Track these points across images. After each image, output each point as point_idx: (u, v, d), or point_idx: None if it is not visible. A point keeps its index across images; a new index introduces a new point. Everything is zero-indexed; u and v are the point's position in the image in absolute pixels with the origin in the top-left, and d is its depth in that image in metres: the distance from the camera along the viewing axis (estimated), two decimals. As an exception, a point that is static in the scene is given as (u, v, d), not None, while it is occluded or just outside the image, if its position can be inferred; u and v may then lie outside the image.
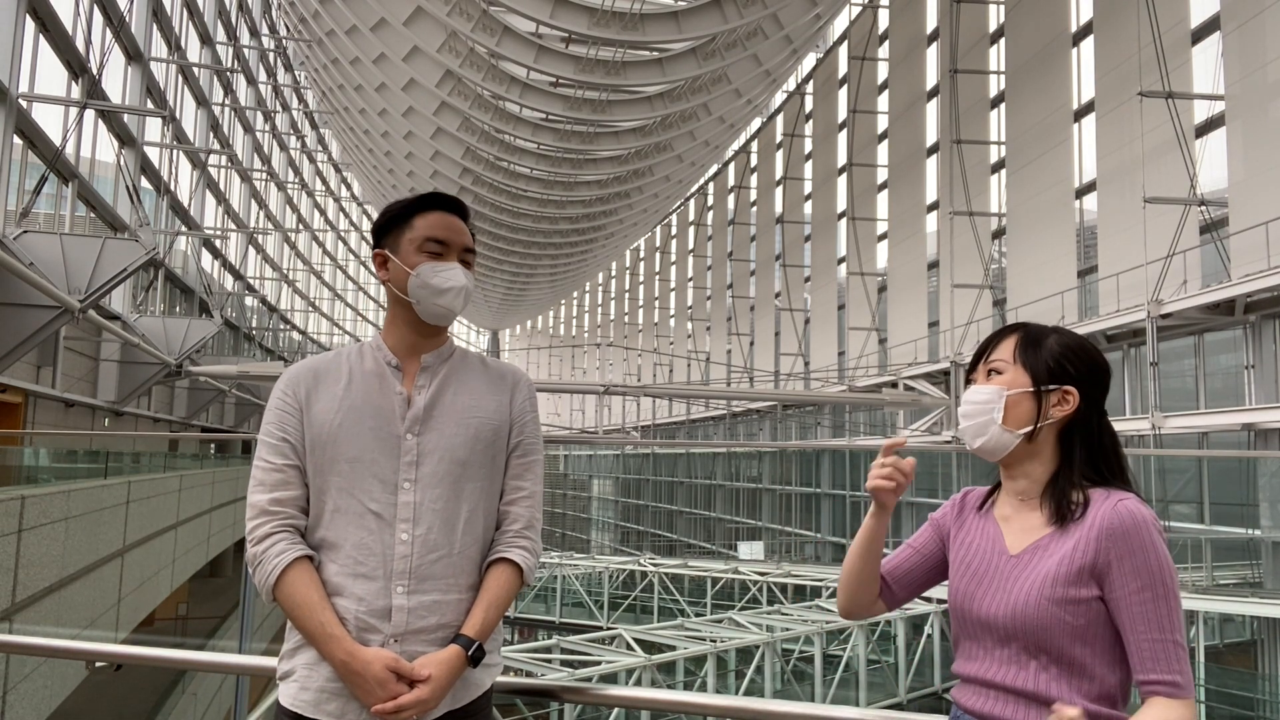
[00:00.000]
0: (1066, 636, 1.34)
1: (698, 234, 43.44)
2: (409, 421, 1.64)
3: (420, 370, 1.70)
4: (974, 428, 1.47)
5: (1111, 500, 1.37)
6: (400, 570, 1.57)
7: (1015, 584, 1.39)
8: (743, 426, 35.60)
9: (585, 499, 53.23)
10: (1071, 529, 1.39)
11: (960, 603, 1.46)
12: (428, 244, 1.69)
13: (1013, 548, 1.44)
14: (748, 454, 33.94)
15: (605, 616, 23.07)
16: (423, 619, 1.57)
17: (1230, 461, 14.48)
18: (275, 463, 1.62)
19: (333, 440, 1.61)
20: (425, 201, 1.73)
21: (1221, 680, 14.16)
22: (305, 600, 1.54)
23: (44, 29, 14.70)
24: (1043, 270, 18.34)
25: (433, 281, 1.66)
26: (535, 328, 78.12)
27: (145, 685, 14.87)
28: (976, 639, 1.44)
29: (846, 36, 29.69)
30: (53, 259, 12.17)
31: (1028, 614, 1.35)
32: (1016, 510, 1.49)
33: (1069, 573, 1.34)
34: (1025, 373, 1.46)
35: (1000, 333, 1.54)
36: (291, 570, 1.55)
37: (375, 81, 23.70)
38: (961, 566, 1.49)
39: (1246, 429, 13.37)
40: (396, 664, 1.50)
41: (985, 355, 1.52)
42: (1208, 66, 14.68)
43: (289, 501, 1.61)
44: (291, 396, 1.66)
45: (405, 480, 1.61)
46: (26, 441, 14.40)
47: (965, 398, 1.50)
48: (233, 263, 30.75)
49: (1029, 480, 1.48)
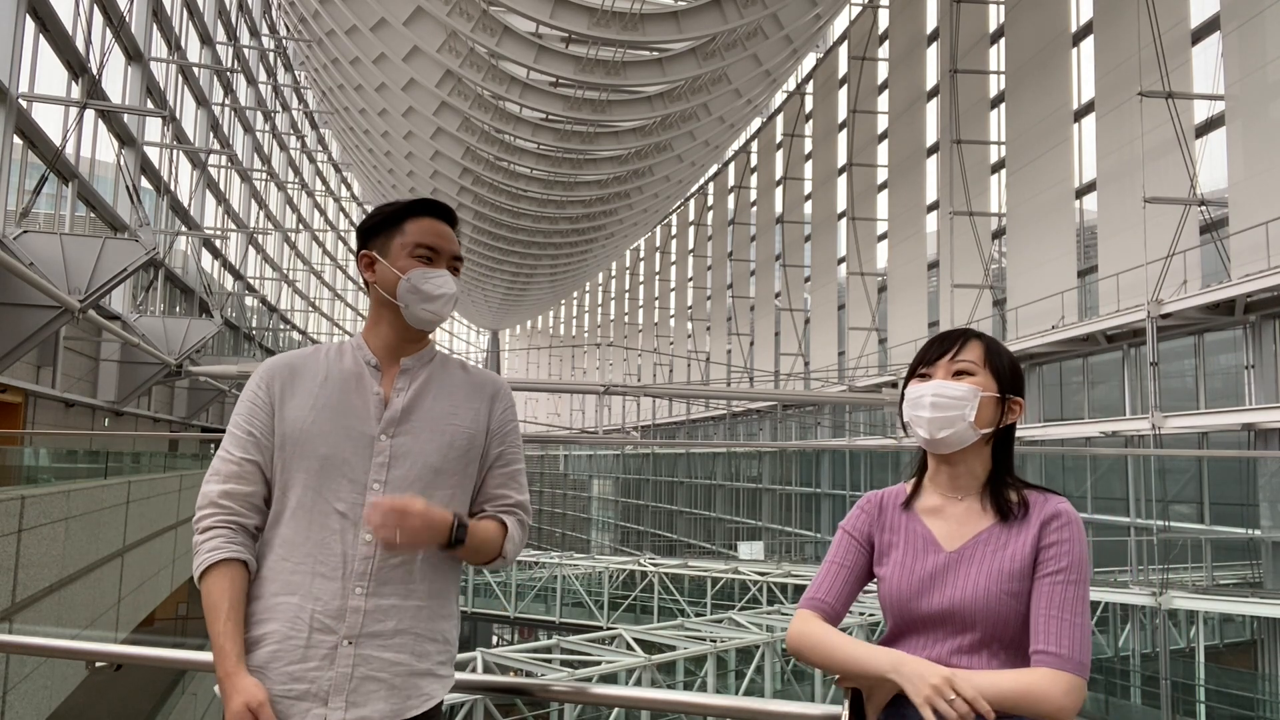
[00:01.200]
0: (1018, 623, 1.44)
1: (698, 234, 43.45)
2: (384, 423, 1.63)
3: (400, 373, 1.69)
4: (943, 420, 1.53)
5: (1052, 502, 1.51)
6: (360, 572, 1.55)
7: (965, 578, 1.47)
8: (743, 426, 35.60)
9: (585, 499, 53.23)
10: (1015, 525, 1.50)
11: (904, 599, 1.51)
12: (419, 250, 1.69)
13: (948, 544, 1.52)
14: (748, 454, 33.95)
15: (605, 616, 23.07)
16: (379, 622, 1.55)
17: (1230, 461, 14.48)
18: (235, 455, 1.61)
19: (305, 437, 1.60)
20: (417, 207, 1.72)
21: (1221, 680, 14.16)
22: (214, 604, 1.52)
23: (44, 29, 14.70)
24: (1043, 270, 18.35)
25: (423, 287, 1.66)
26: (535, 328, 78.13)
27: (145, 685, 14.86)
28: (923, 633, 1.50)
29: (846, 36, 29.69)
30: (53, 259, 12.17)
31: (988, 606, 1.44)
32: (946, 503, 1.57)
33: (1021, 567, 1.45)
34: (993, 379, 1.56)
35: (963, 335, 1.60)
36: (215, 570, 1.54)
37: (375, 81, 23.71)
38: (896, 566, 1.54)
39: (1246, 429, 13.38)
40: (261, 709, 1.46)
41: (952, 354, 1.58)
42: (1208, 66, 14.69)
43: (240, 497, 1.59)
44: (264, 391, 1.64)
45: (375, 481, 1.59)
46: (26, 441, 14.40)
47: (935, 390, 1.54)
48: (233, 263, 30.75)
49: (969, 475, 1.57)
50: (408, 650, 1.58)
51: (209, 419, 28.01)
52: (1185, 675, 14.08)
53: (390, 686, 1.55)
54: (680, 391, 30.64)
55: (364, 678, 1.53)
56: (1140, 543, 15.12)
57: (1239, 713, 13.52)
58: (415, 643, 1.59)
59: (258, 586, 1.59)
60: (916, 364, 1.64)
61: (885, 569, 1.57)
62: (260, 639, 1.55)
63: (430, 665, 1.61)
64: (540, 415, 60.21)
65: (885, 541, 1.59)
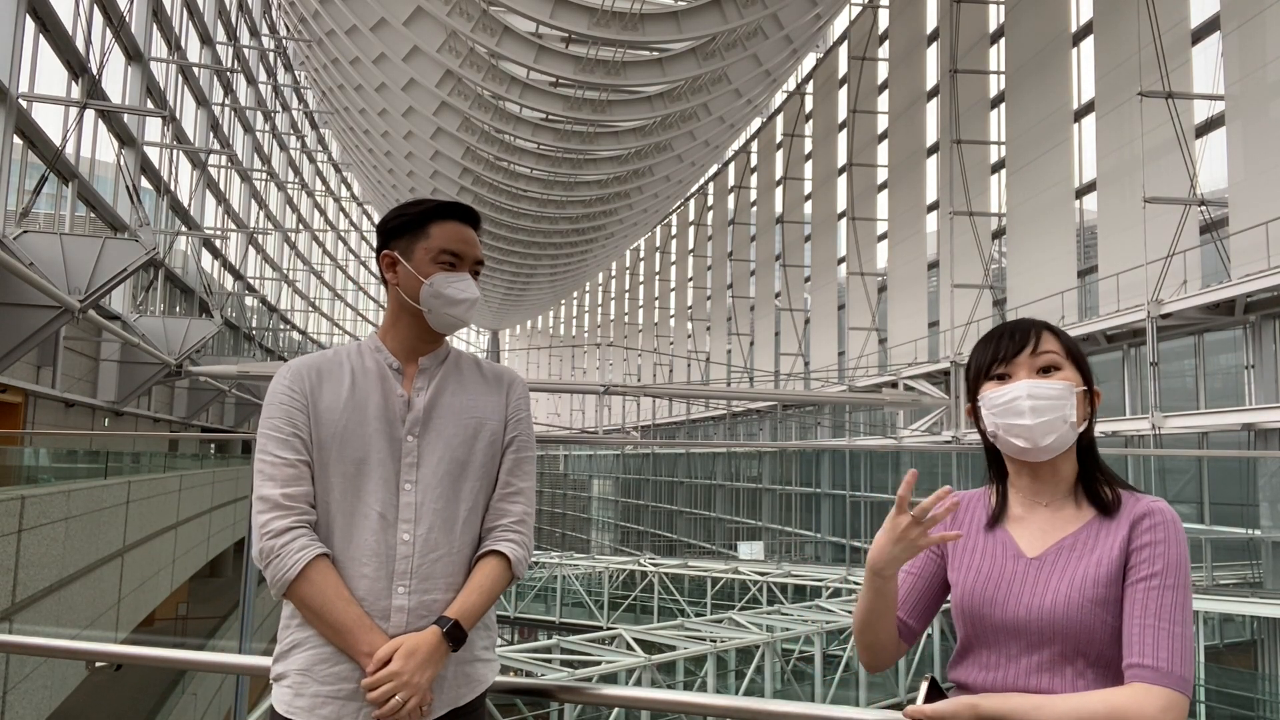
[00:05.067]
0: (1107, 637, 1.30)
1: (698, 234, 43.45)
2: (409, 423, 1.65)
3: (418, 372, 1.71)
4: (1046, 425, 1.35)
5: (1145, 500, 1.36)
6: (402, 570, 1.58)
7: (1046, 586, 1.33)
8: (743, 426, 35.60)
9: (585, 499, 53.21)
10: (1103, 527, 1.36)
11: (977, 608, 1.38)
12: (443, 255, 1.69)
13: (1029, 550, 1.38)
14: (748, 454, 33.94)
15: (605, 616, 23.06)
16: (422, 619, 1.57)
17: (1230, 461, 14.48)
18: (286, 457, 1.59)
19: (339, 440, 1.61)
20: (442, 210, 1.72)
21: (1221, 680, 14.16)
22: (337, 594, 1.53)
23: (44, 29, 14.70)
24: (1043, 270, 18.35)
25: (447, 292, 1.68)
26: (535, 328, 78.11)
27: (145, 685, 14.86)
28: (996, 647, 1.37)
29: (846, 36, 29.69)
30: (53, 259, 12.16)
31: (1069, 616, 1.30)
32: (1029, 510, 1.43)
33: (1110, 572, 1.31)
34: (1076, 370, 1.41)
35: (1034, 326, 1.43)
36: (314, 567, 1.54)
37: (375, 81, 23.70)
38: (972, 572, 1.41)
39: (1246, 429, 13.38)
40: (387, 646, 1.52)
41: (1031, 347, 1.40)
42: (1208, 66, 14.68)
43: (302, 497, 1.59)
44: (299, 391, 1.64)
45: (406, 481, 1.62)
46: (26, 441, 14.40)
47: (1030, 392, 1.37)
48: (233, 263, 30.75)
49: (1055, 478, 1.42)
50: None
51: (209, 419, 28.01)
52: (1185, 675, 14.05)
53: (441, 678, 1.58)
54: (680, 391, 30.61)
55: None
56: (1140, 543, 15.10)
57: (1239, 713, 13.52)
58: None
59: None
60: (990, 363, 1.43)
61: (957, 574, 1.44)
62: (300, 643, 1.58)
63: (476, 652, 1.65)
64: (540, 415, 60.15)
65: (959, 545, 1.46)
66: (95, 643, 2.27)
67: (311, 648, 1.56)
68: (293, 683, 1.56)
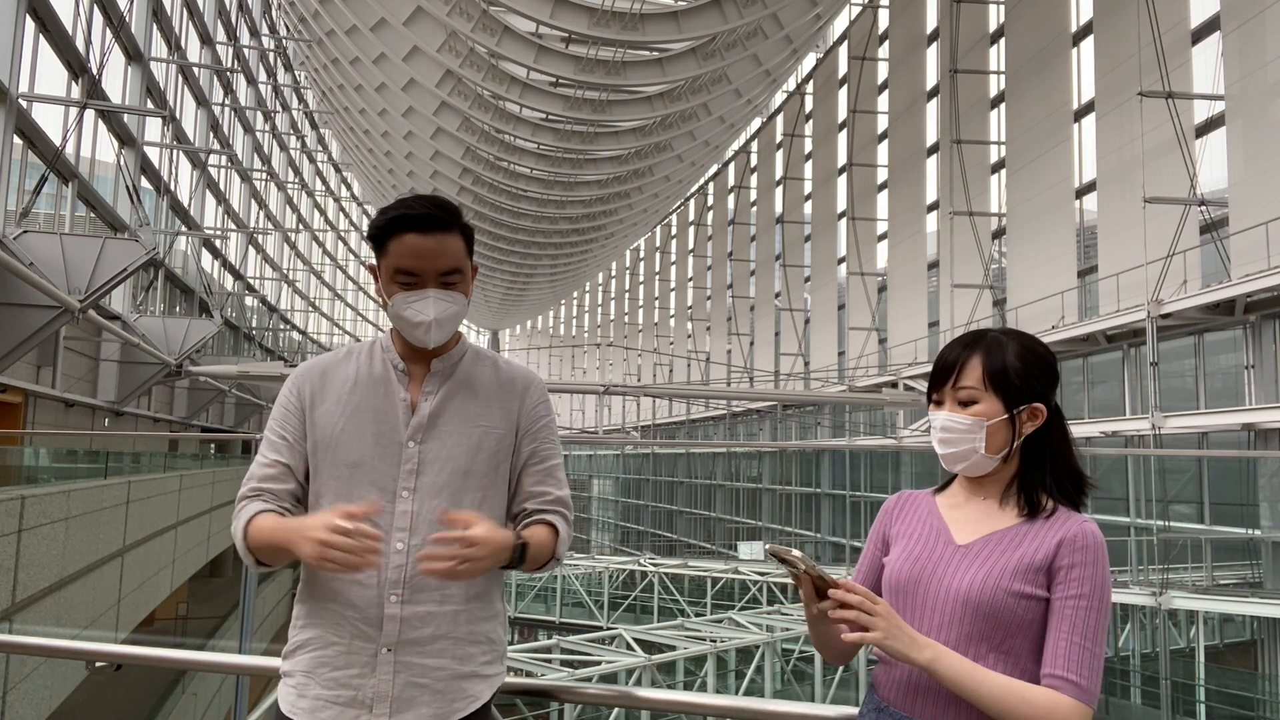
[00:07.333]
0: (1012, 627, 1.39)
1: (698, 234, 43.44)
2: (412, 429, 1.61)
3: (429, 375, 1.66)
4: (956, 455, 1.51)
5: (1076, 519, 1.45)
6: (394, 580, 1.55)
7: (969, 571, 1.43)
8: (743, 426, 35.60)
9: (585, 499, 53.24)
10: (1032, 530, 1.45)
11: (901, 585, 1.49)
12: (398, 275, 1.59)
13: (960, 538, 1.49)
14: (748, 454, 33.94)
15: (605, 616, 23.07)
16: (416, 629, 1.55)
17: (1230, 461, 14.47)
18: (269, 458, 1.64)
19: (335, 444, 1.60)
20: (397, 224, 1.57)
21: (1221, 680, 14.16)
22: (270, 526, 1.51)
23: (44, 29, 14.70)
24: (1043, 270, 18.34)
25: (404, 315, 1.59)
26: (535, 328, 78.10)
27: (145, 685, 14.85)
28: (913, 623, 1.46)
29: (846, 36, 29.68)
30: (53, 259, 12.17)
31: (984, 599, 1.40)
32: (968, 499, 1.55)
33: (1028, 569, 1.40)
34: (997, 400, 1.48)
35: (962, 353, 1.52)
36: (260, 516, 1.55)
37: (375, 81, 23.70)
38: (903, 554, 1.52)
39: (1246, 429, 13.37)
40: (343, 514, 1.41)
41: (952, 381, 1.51)
42: (1208, 66, 14.68)
43: (278, 490, 1.62)
44: (295, 396, 1.65)
45: (404, 489, 1.58)
46: (26, 441, 14.40)
47: (940, 424, 1.51)
48: (233, 263, 30.75)
49: (995, 481, 1.53)
50: (448, 655, 1.58)
51: (209, 419, 28.01)
52: (1185, 675, 14.07)
53: (434, 692, 1.56)
54: (680, 391, 30.63)
55: (407, 684, 1.54)
56: (1140, 543, 15.12)
57: (1239, 713, 13.52)
58: (455, 647, 1.59)
59: (301, 591, 1.62)
60: (929, 388, 1.58)
61: (890, 556, 1.55)
62: (304, 644, 1.58)
63: (474, 667, 1.61)
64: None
65: (896, 533, 1.58)
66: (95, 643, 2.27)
67: (315, 650, 1.57)
68: (297, 683, 1.57)
